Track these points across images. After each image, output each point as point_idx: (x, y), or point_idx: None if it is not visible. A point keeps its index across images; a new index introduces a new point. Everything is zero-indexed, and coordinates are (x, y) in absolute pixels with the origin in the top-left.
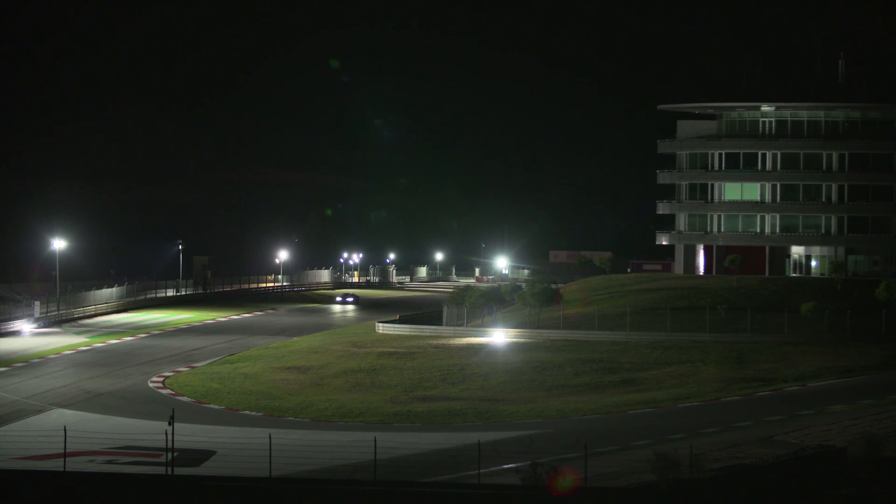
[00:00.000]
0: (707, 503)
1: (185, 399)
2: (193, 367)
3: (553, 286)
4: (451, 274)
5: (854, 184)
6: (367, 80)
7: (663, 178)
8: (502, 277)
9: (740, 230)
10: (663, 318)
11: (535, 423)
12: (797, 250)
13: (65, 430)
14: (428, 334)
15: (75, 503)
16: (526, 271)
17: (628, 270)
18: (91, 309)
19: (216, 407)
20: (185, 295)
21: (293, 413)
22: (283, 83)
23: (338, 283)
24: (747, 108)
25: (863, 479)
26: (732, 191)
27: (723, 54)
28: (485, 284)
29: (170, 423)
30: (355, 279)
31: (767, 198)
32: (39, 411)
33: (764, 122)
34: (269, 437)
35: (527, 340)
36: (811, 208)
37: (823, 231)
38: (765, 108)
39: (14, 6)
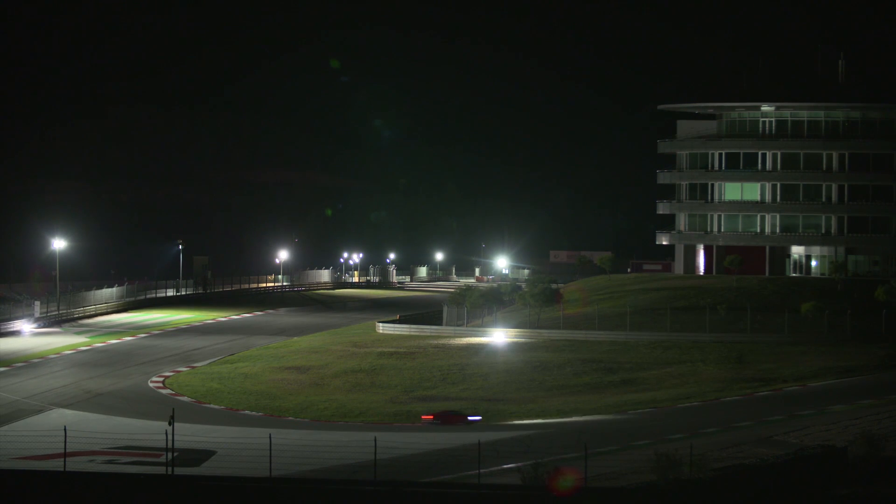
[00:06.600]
0: (707, 503)
1: (185, 399)
2: (193, 367)
3: (553, 286)
4: (451, 274)
5: (854, 184)
6: (367, 80)
7: (663, 178)
8: (502, 277)
9: (740, 230)
10: (663, 318)
11: (536, 423)
12: (797, 250)
13: (65, 430)
14: (428, 334)
15: (75, 503)
16: (526, 271)
17: (628, 270)
18: (91, 309)
19: (216, 407)
20: (185, 295)
21: (293, 413)
22: (283, 83)
23: (338, 283)
24: (747, 108)
25: (863, 479)
26: (732, 191)
27: (723, 54)
28: (485, 284)
29: (170, 423)
30: (355, 279)
31: (767, 198)
32: (39, 411)
33: (764, 122)
34: (270, 437)
35: (527, 340)
36: (811, 208)
37: (823, 231)
38: (765, 108)
39: (14, 6)
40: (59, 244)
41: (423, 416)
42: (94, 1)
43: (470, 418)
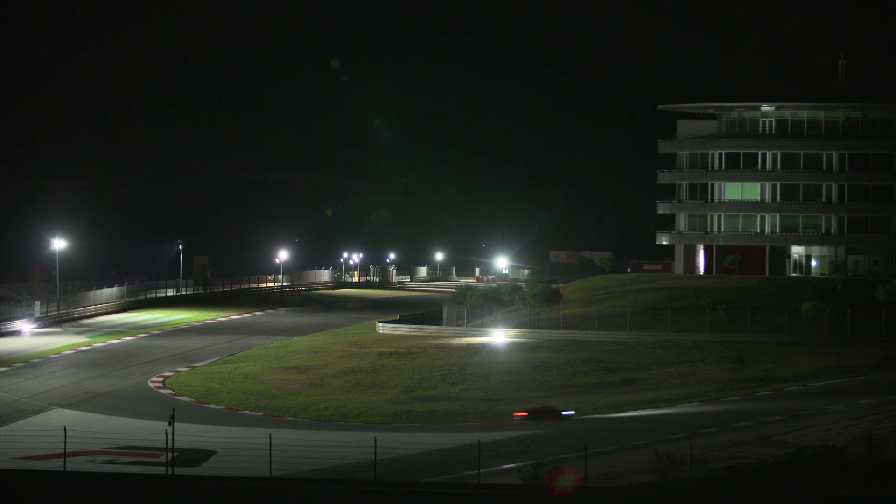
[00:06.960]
0: (707, 503)
1: (185, 399)
2: (193, 367)
3: (553, 286)
4: (451, 274)
5: (854, 184)
6: (367, 80)
7: (663, 178)
8: (502, 277)
9: (740, 230)
10: (663, 318)
11: (536, 422)
12: (797, 250)
13: (65, 430)
14: (428, 334)
15: (75, 503)
16: (526, 271)
17: (628, 270)
18: (91, 309)
19: (216, 407)
20: (185, 295)
21: (293, 413)
22: (284, 83)
23: (338, 283)
24: (747, 108)
25: (863, 479)
26: (732, 191)
27: (723, 54)
28: (485, 284)
29: (170, 423)
30: (355, 279)
31: (767, 198)
32: (39, 411)
33: (764, 122)
34: (270, 437)
35: (527, 340)
36: (811, 208)
37: (823, 231)
38: (765, 108)
39: (14, 6)
40: (59, 244)
41: (516, 414)
42: (94, 1)
43: (564, 413)
